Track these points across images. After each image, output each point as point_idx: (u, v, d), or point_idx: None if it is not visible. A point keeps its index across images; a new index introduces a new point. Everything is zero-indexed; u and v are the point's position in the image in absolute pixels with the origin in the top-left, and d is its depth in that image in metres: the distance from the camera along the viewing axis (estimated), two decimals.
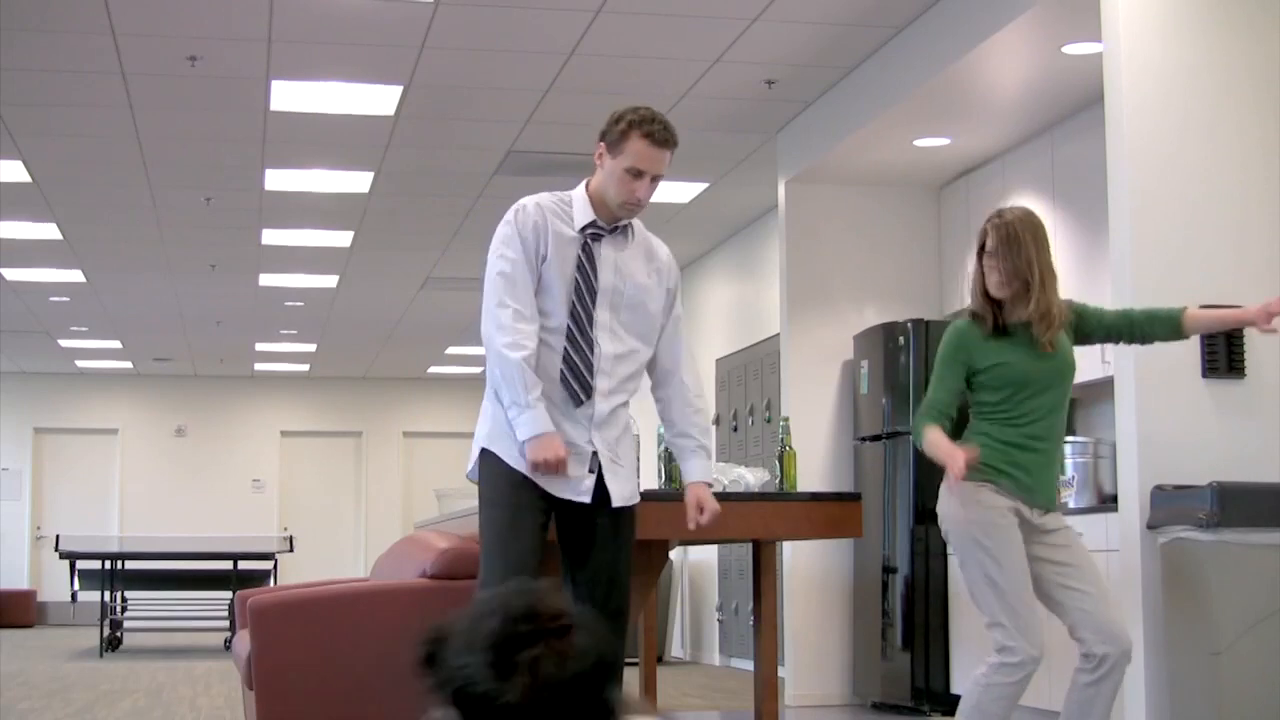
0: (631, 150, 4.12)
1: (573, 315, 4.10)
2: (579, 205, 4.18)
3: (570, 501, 4.10)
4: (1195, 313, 4.58)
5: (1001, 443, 4.38)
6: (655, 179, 4.15)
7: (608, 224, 4.18)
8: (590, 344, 4.11)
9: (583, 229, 4.15)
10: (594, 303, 4.12)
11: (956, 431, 4.45)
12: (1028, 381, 4.37)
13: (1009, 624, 4.28)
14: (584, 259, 4.13)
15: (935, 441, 4.34)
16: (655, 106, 4.30)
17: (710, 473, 4.38)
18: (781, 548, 8.30)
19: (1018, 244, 4.35)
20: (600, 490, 4.13)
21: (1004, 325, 4.41)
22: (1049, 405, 4.38)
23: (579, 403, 4.09)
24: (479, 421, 4.21)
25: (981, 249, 4.43)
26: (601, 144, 4.18)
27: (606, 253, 4.17)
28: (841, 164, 8.37)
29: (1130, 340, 4.60)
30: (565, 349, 4.09)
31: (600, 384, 4.12)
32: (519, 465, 4.04)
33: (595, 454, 4.12)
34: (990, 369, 4.40)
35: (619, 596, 4.14)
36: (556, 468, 4.00)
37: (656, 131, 4.13)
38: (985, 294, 4.43)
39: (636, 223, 4.31)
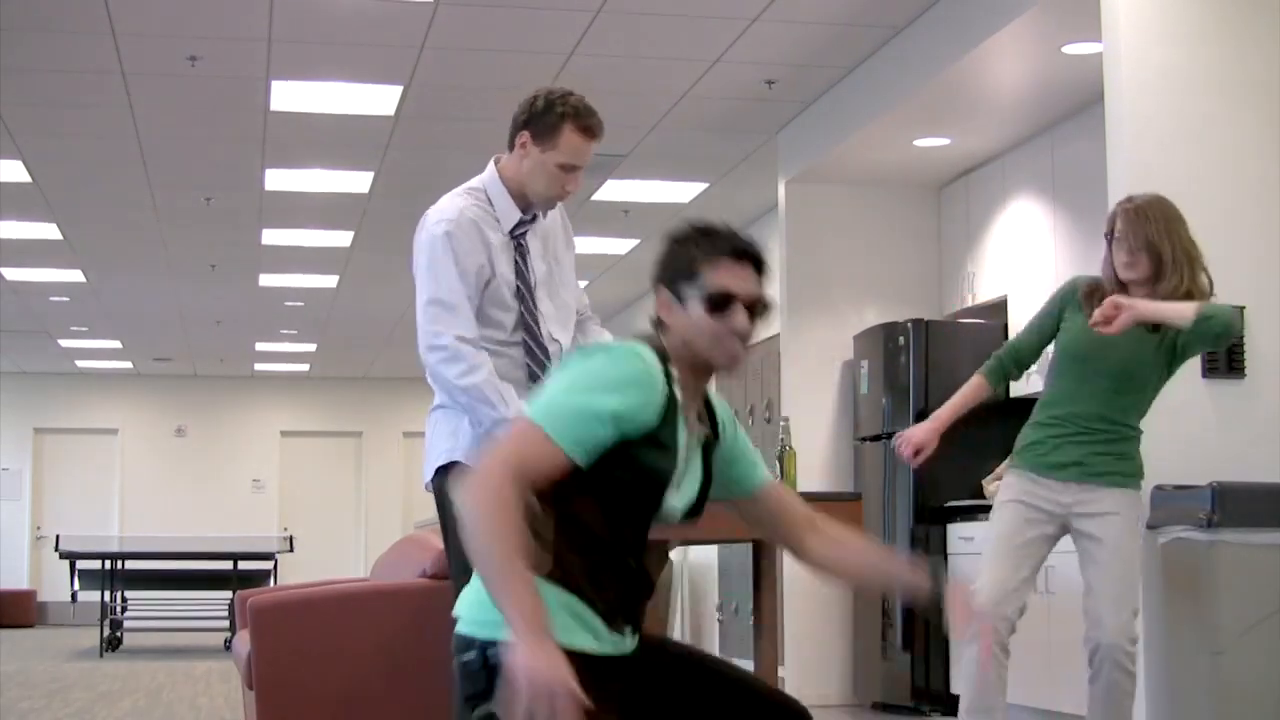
0: (566, 145, 3.90)
1: (522, 321, 3.88)
2: (501, 204, 3.91)
3: None
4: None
5: (1040, 420, 4.44)
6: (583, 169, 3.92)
7: (528, 214, 3.94)
8: (544, 342, 3.91)
9: (511, 231, 3.92)
10: (535, 301, 3.91)
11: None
12: (1084, 356, 4.35)
13: (978, 582, 4.35)
14: (519, 261, 3.91)
15: (949, 403, 4.49)
16: (655, 107, 4.27)
17: None
18: (781, 548, 8.30)
19: (1145, 220, 4.33)
20: None
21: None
22: (1108, 388, 4.33)
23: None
24: (433, 434, 3.95)
25: (1110, 235, 4.40)
26: (525, 132, 3.93)
27: (533, 244, 3.96)
28: (841, 164, 8.37)
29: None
30: (525, 358, 3.89)
31: None
32: None
33: None
34: (1064, 329, 4.41)
35: None
36: None
37: (594, 125, 3.92)
38: (1115, 280, 4.39)
39: None
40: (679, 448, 2.69)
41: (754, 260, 2.78)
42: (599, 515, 2.65)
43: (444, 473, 3.91)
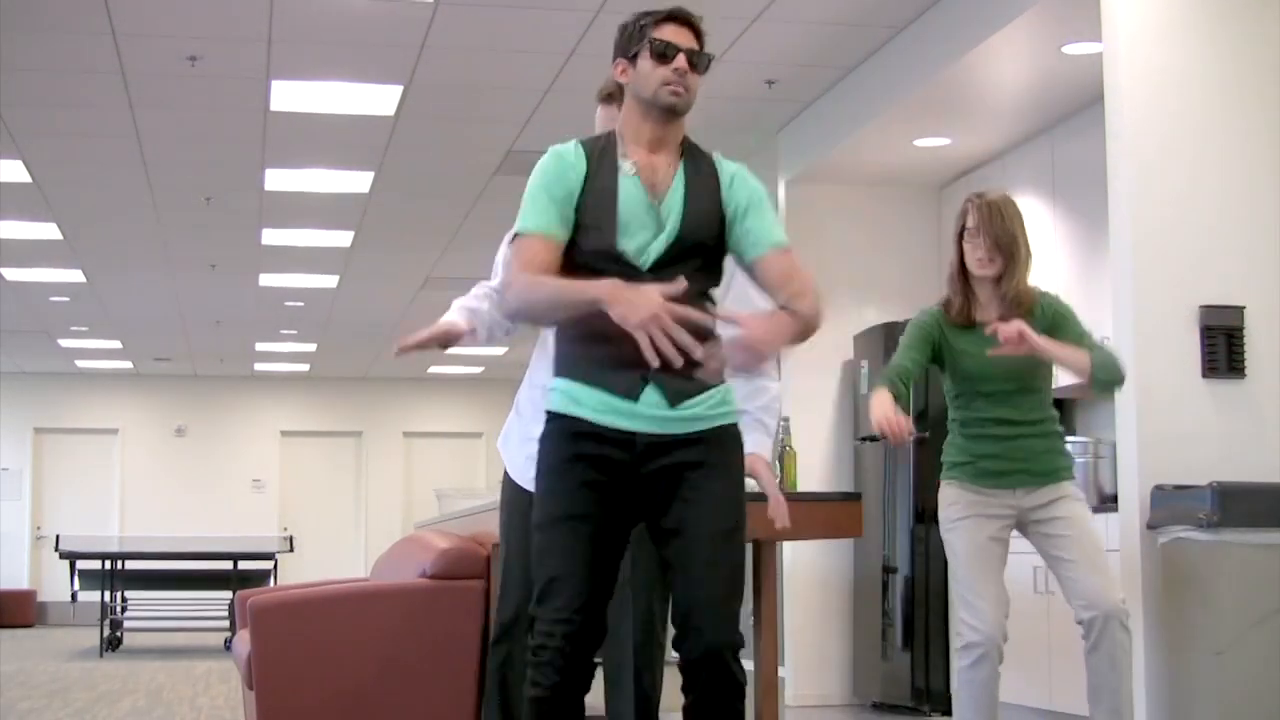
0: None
1: None
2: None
3: None
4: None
5: (963, 436, 4.46)
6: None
7: None
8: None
9: None
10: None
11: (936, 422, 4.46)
12: (985, 376, 4.38)
13: (961, 609, 4.37)
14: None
15: (877, 403, 4.27)
16: None
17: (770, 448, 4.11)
18: (781, 548, 8.30)
19: (1000, 218, 4.36)
20: None
21: (972, 317, 4.41)
22: (1012, 390, 4.37)
23: None
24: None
25: (962, 230, 4.43)
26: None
27: None
28: (841, 164, 8.38)
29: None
30: None
31: None
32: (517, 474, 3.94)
33: None
34: (952, 356, 4.43)
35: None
36: None
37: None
38: (963, 276, 4.44)
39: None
40: (618, 190, 3.21)
41: (691, 25, 3.37)
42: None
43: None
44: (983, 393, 4.41)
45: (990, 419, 4.40)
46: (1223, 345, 5.24)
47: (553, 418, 3.17)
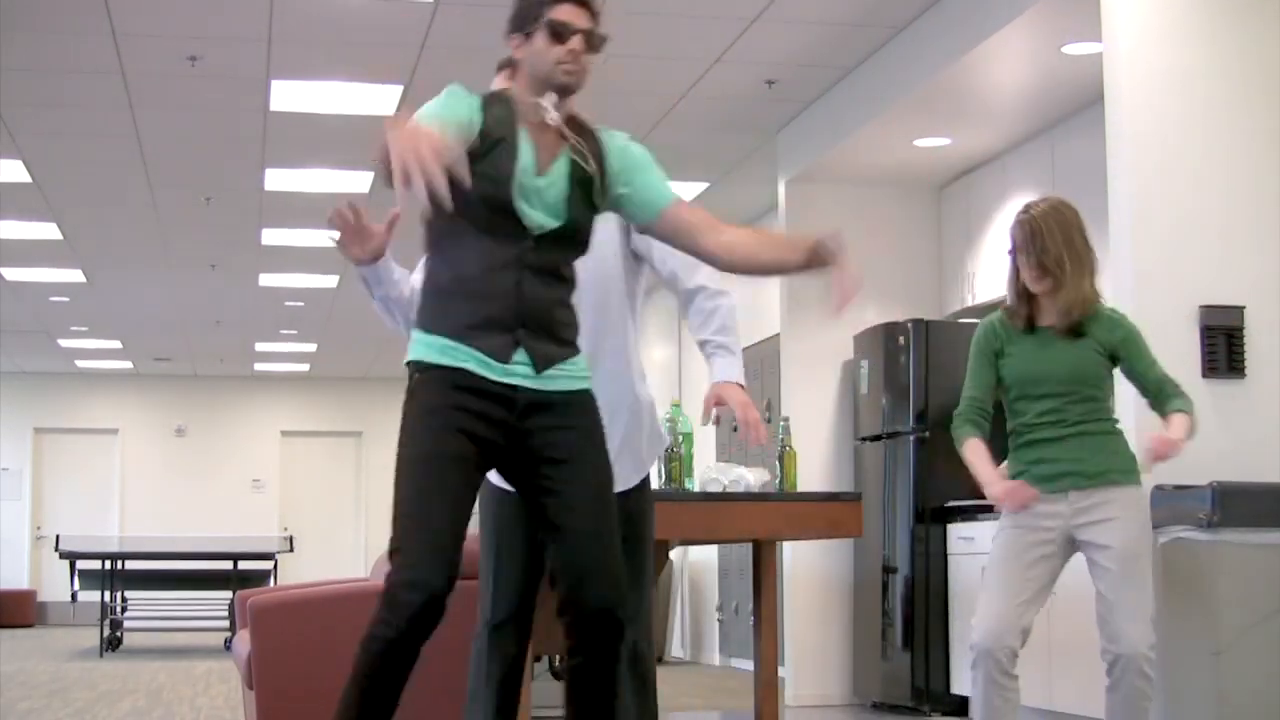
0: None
1: None
2: None
3: None
4: (1174, 418, 4.39)
5: (1017, 446, 4.37)
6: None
7: None
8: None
9: None
10: None
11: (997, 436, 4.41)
12: (1035, 378, 4.32)
13: (977, 612, 4.31)
14: None
15: (973, 462, 4.34)
16: (655, 107, 4.25)
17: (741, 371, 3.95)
18: (781, 548, 8.30)
19: (1042, 237, 4.30)
20: None
21: (1034, 322, 4.35)
22: (1064, 394, 4.29)
23: None
24: None
25: (1014, 249, 4.38)
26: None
27: None
28: (841, 164, 8.38)
29: (1148, 399, 4.50)
30: None
31: None
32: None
33: None
34: (1007, 361, 4.36)
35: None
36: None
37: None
38: (1023, 292, 4.38)
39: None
40: (518, 157, 3.18)
41: (587, 4, 3.34)
42: (456, 249, 3.19)
43: None
44: (1034, 395, 4.32)
45: (1040, 423, 4.31)
46: (1223, 345, 5.24)
47: (428, 368, 3.17)
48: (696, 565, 12.33)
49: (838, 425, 8.62)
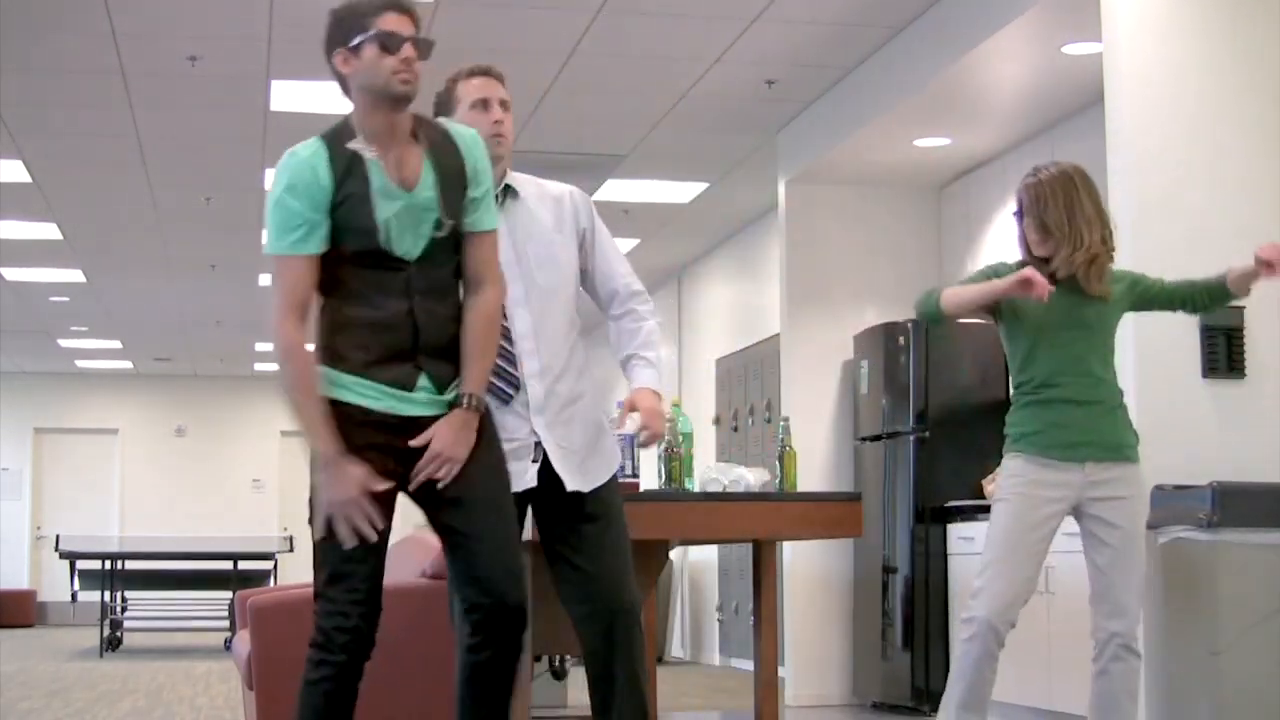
0: (466, 92, 3.98)
1: None
2: None
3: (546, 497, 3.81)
4: (1233, 277, 4.43)
5: (1033, 402, 4.31)
6: (505, 104, 4.03)
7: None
8: (506, 332, 3.73)
9: None
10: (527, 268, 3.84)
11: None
12: (1049, 324, 4.27)
13: (978, 583, 4.27)
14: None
15: (967, 288, 4.28)
16: (655, 107, 4.27)
17: (659, 381, 4.02)
18: (781, 548, 8.30)
19: (1044, 202, 4.28)
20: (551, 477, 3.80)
21: (1053, 277, 4.29)
22: (1078, 343, 4.26)
23: (505, 399, 3.75)
24: None
25: (1020, 213, 4.36)
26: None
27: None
28: (841, 164, 8.38)
29: (1193, 309, 4.50)
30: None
31: (531, 365, 3.79)
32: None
33: (539, 444, 3.78)
34: (1020, 310, 4.28)
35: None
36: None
37: (480, 69, 4.03)
38: (1030, 255, 4.35)
39: (524, 177, 4.06)
40: (370, 190, 3.25)
41: (409, 12, 3.36)
42: (343, 288, 3.27)
43: None
44: (1049, 345, 4.27)
45: (1065, 379, 4.26)
46: (1223, 345, 5.25)
47: (335, 405, 3.27)
48: (696, 565, 12.33)
49: (838, 425, 8.62)
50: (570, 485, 3.79)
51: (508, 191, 3.95)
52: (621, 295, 4.04)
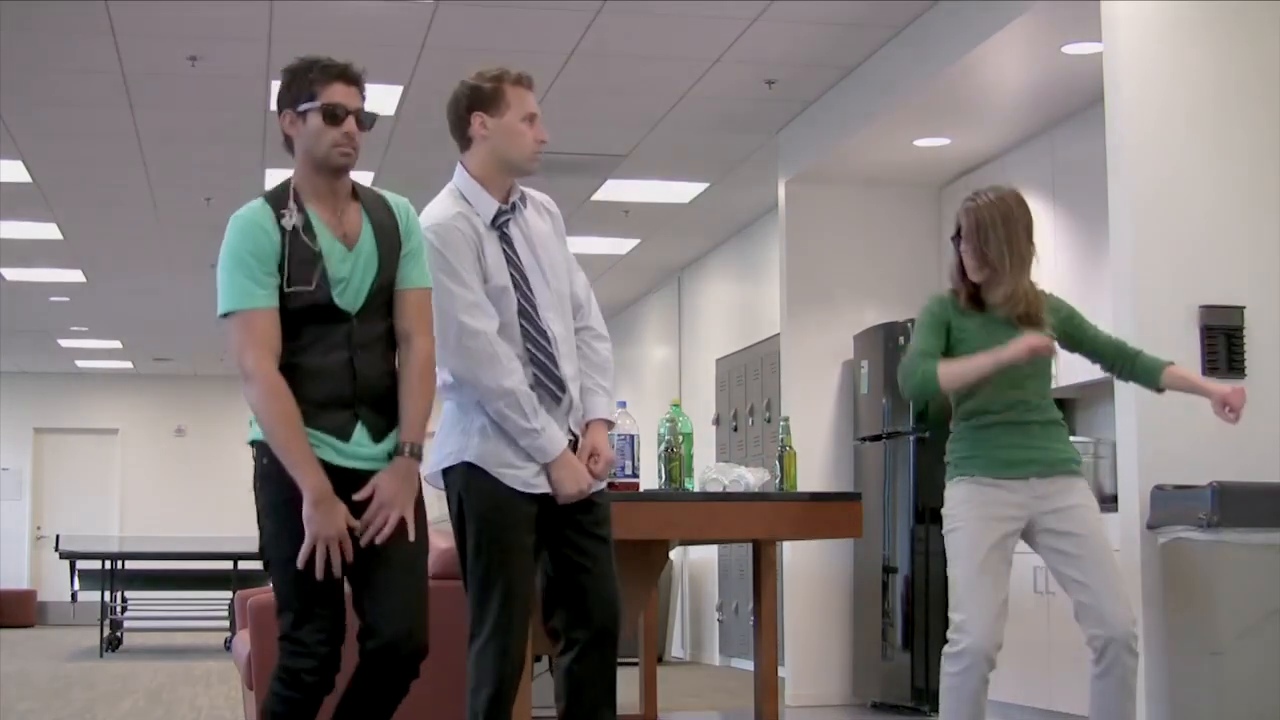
0: (517, 100, 3.94)
1: (521, 312, 3.85)
2: (477, 199, 3.92)
3: (551, 501, 3.88)
4: (1174, 371, 4.45)
5: (972, 429, 4.37)
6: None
7: (506, 203, 3.94)
8: (546, 335, 3.86)
9: (493, 222, 3.91)
10: (530, 286, 3.88)
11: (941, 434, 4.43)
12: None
13: (954, 613, 4.32)
14: (507, 250, 3.88)
15: (957, 366, 4.29)
16: (655, 107, 4.28)
17: (612, 411, 4.08)
18: (781, 548, 8.30)
19: (984, 231, 4.31)
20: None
21: (982, 301, 4.37)
22: (1016, 380, 4.28)
23: (557, 400, 3.87)
24: (444, 429, 3.90)
25: (957, 236, 4.41)
26: (476, 114, 3.92)
27: (516, 233, 3.93)
28: (841, 164, 8.37)
29: (1112, 371, 4.51)
30: (529, 351, 3.85)
31: (567, 370, 3.90)
32: (515, 482, 3.83)
33: (575, 441, 3.91)
34: (958, 339, 4.35)
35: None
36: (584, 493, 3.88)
37: (527, 76, 4.00)
38: (964, 276, 4.41)
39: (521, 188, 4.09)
40: (321, 254, 3.45)
41: (357, 82, 3.54)
42: (295, 336, 3.43)
43: (451, 472, 3.89)
44: (994, 382, 4.30)
45: (999, 405, 4.31)
46: (1223, 345, 5.24)
47: (268, 453, 3.42)
48: (696, 565, 12.33)
49: (838, 425, 8.62)
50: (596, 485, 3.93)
51: (521, 201, 4.01)
52: (583, 308, 4.08)
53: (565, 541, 3.89)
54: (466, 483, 3.84)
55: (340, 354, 3.44)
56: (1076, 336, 4.45)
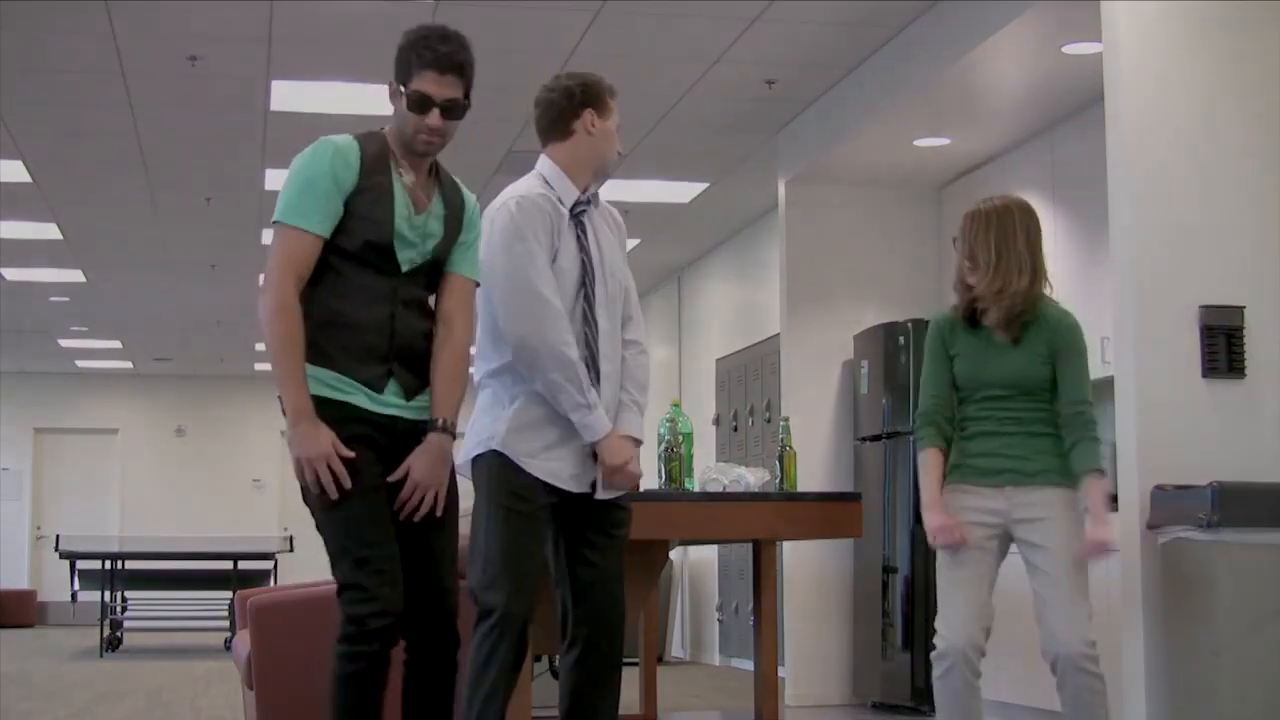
0: (615, 109, 4.11)
1: (584, 298, 3.94)
2: (560, 185, 4.02)
3: (574, 497, 3.95)
4: (1091, 488, 4.29)
5: (961, 438, 4.42)
6: None
7: (585, 196, 4.04)
8: (596, 327, 3.95)
9: (572, 209, 4.02)
10: (593, 282, 3.97)
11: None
12: (980, 381, 4.36)
13: (937, 620, 4.34)
14: (581, 237, 3.99)
15: (924, 478, 4.41)
16: (655, 107, 4.30)
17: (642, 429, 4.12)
18: (781, 548, 8.30)
19: (981, 230, 4.33)
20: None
21: (978, 317, 4.39)
22: (1009, 396, 4.32)
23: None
24: (479, 413, 3.98)
25: (958, 235, 4.44)
26: (589, 110, 4.04)
27: (588, 224, 4.04)
28: (841, 164, 8.38)
29: (1059, 431, 4.42)
30: (583, 334, 3.92)
31: (604, 367, 3.96)
32: (539, 471, 3.87)
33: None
34: (955, 357, 4.40)
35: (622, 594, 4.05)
36: (631, 478, 3.92)
37: (613, 89, 4.14)
38: (963, 282, 4.42)
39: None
40: (395, 202, 3.46)
41: (456, 69, 3.52)
42: (335, 284, 3.43)
43: (479, 460, 3.95)
44: (978, 397, 4.38)
45: (983, 417, 4.37)
46: (1223, 345, 5.24)
47: (322, 403, 3.41)
48: (696, 565, 12.33)
49: (838, 425, 8.62)
50: (601, 494, 3.96)
51: (594, 200, 4.11)
52: (633, 320, 4.13)
53: (581, 538, 3.96)
54: (491, 469, 3.90)
55: (382, 309, 3.45)
56: (1055, 370, 4.36)
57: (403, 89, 3.51)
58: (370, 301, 3.45)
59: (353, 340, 3.43)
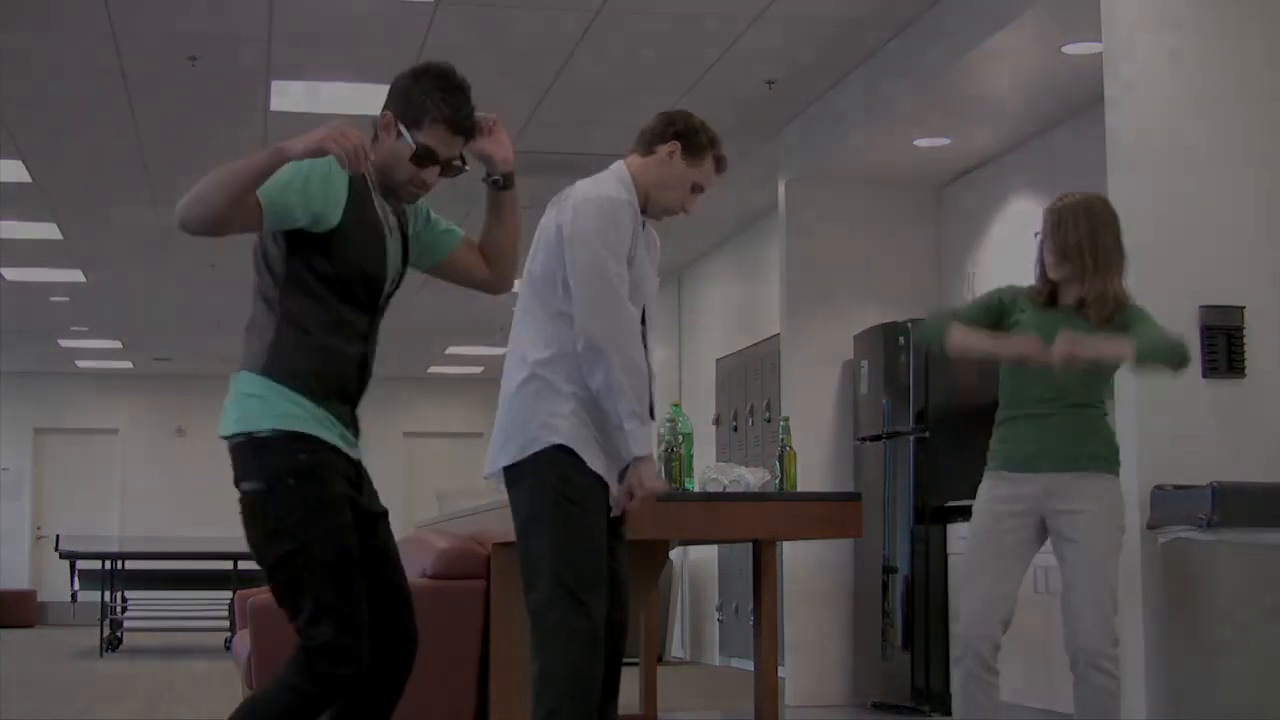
0: (706, 168, 4.02)
1: (641, 319, 3.86)
2: (633, 194, 3.95)
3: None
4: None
5: (1003, 424, 4.36)
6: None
7: (644, 214, 3.99)
8: (647, 351, 3.86)
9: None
10: (647, 302, 3.93)
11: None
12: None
13: (960, 605, 4.31)
14: (644, 255, 3.94)
15: (979, 340, 4.28)
16: (655, 107, 4.27)
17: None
18: (781, 548, 8.30)
19: (1065, 227, 4.27)
20: None
21: (1056, 298, 4.32)
22: (1045, 375, 4.20)
23: (652, 416, 3.88)
24: (531, 408, 3.80)
25: (1042, 232, 4.36)
26: (678, 142, 3.96)
27: (645, 238, 4.00)
28: (841, 164, 8.38)
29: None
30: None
31: (652, 390, 3.89)
32: (599, 468, 3.81)
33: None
34: (1015, 325, 4.31)
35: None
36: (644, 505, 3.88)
37: (724, 163, 4.09)
38: (1044, 275, 4.35)
39: None
40: (387, 237, 3.34)
41: (466, 133, 3.38)
42: (325, 316, 3.25)
43: (536, 457, 3.79)
44: (1037, 376, 4.23)
45: (1032, 398, 4.27)
46: (1223, 345, 5.24)
47: (318, 444, 3.25)
48: (696, 565, 12.32)
49: (838, 425, 8.62)
50: (615, 510, 3.92)
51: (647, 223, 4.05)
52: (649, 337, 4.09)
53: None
54: (556, 464, 3.76)
55: (358, 347, 3.32)
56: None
57: (405, 131, 3.28)
58: (349, 339, 3.30)
59: (334, 374, 3.28)
